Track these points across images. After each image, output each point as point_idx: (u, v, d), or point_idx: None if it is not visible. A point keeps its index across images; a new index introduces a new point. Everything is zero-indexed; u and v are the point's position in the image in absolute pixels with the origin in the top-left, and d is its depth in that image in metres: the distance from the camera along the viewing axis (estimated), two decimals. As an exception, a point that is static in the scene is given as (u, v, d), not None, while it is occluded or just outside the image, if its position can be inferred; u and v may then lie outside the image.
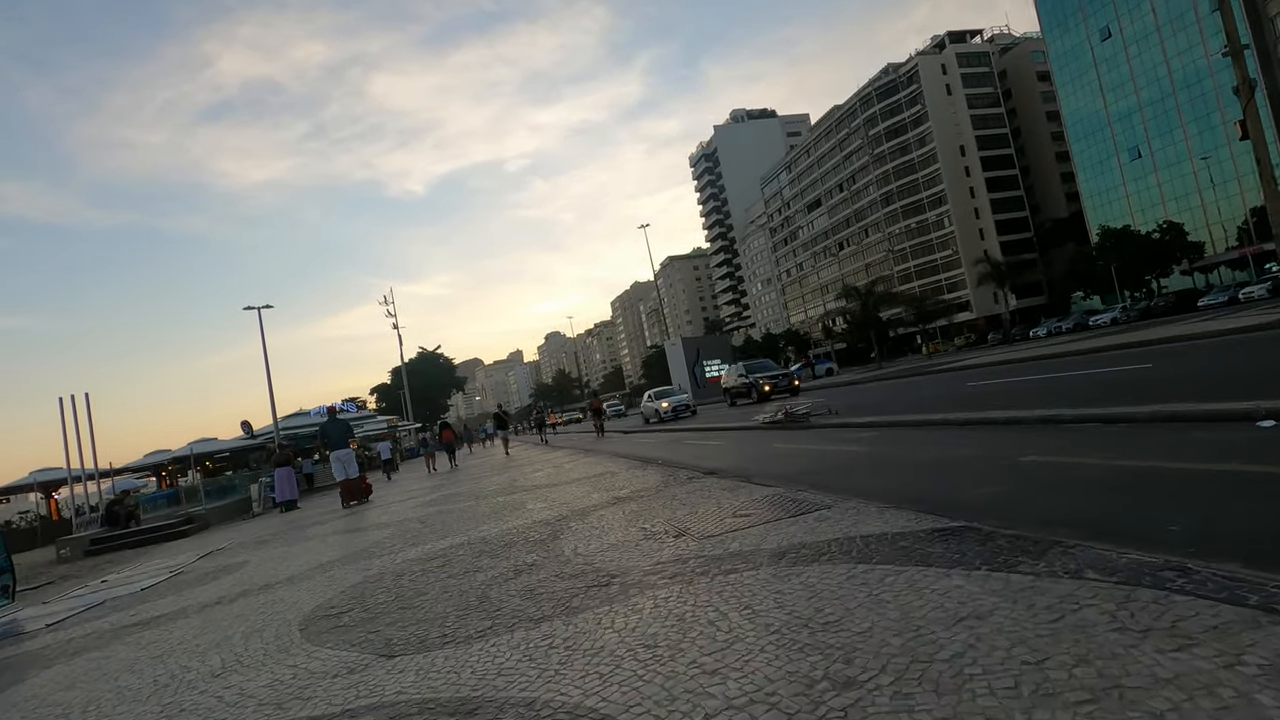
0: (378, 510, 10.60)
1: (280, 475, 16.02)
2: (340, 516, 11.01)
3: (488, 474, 13.70)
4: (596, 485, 7.53)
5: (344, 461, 12.45)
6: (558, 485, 8.50)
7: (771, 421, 12.37)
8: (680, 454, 10.65)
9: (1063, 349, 18.42)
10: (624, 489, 6.71)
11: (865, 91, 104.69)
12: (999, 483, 4.25)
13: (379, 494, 15.00)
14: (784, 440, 9.75)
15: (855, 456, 6.92)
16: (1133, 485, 3.78)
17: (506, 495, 8.53)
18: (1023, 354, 21.14)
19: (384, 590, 4.22)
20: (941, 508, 3.52)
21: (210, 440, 26.27)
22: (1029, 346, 30.76)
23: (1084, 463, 4.41)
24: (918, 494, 4.21)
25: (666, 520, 4.56)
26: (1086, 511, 3.35)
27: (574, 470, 10.18)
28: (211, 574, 6.99)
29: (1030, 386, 10.30)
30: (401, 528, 7.42)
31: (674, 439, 15.01)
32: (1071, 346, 18.62)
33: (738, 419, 16.94)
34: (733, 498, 4.98)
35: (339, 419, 12.77)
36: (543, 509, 6.51)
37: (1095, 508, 3.41)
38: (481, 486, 10.80)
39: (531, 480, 10.04)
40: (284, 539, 9.10)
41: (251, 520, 15.88)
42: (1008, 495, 3.92)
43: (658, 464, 8.67)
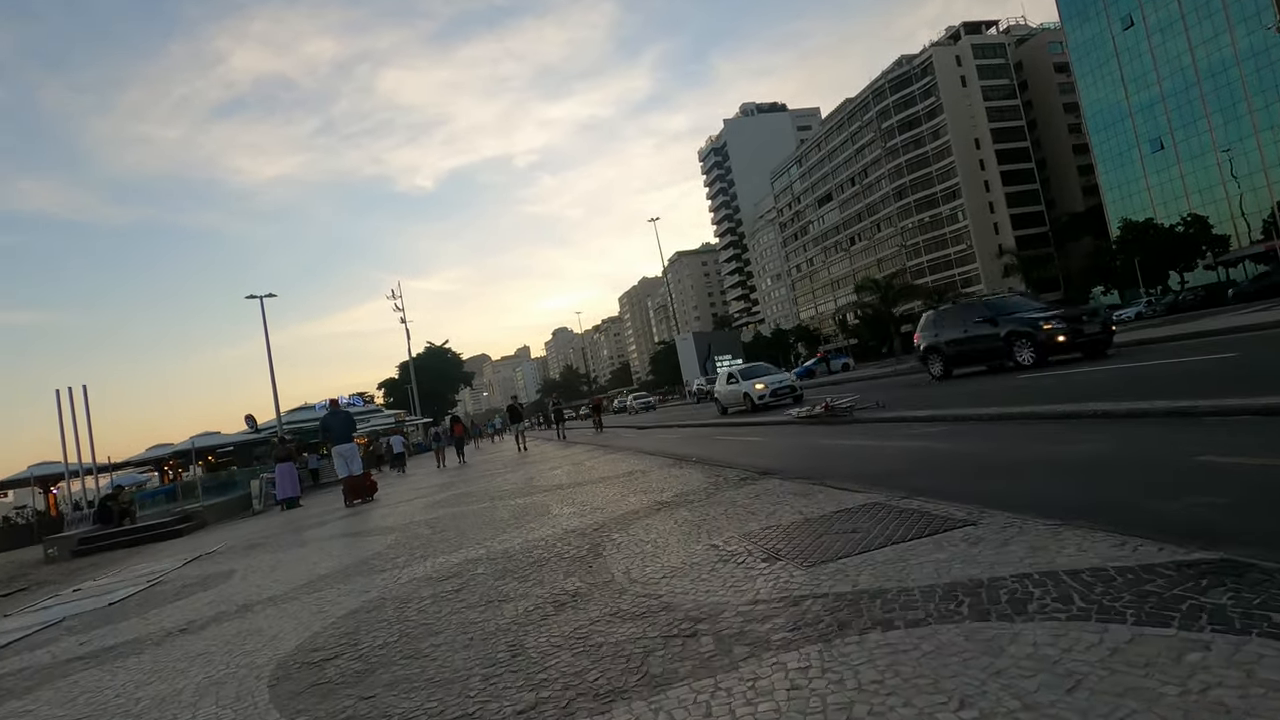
0: (383, 511, 9.71)
1: (281, 471, 15.19)
2: (342, 517, 10.13)
3: (501, 471, 12.81)
4: (629, 486, 6.60)
5: (347, 457, 11.58)
6: (582, 485, 7.57)
7: (808, 416, 11.41)
8: (715, 451, 9.71)
9: None
10: (665, 491, 5.77)
11: (878, 84, 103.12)
12: (1200, 491, 3.27)
13: (387, 491, 14.14)
14: (832, 436, 8.79)
15: (939, 454, 5.94)
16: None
17: (525, 496, 7.60)
18: None
19: (384, 625, 3.29)
20: (1137, 526, 2.57)
21: (212, 434, 25.51)
22: None
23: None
24: (1076, 505, 3.24)
25: (740, 535, 3.61)
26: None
27: (597, 468, 9.26)
28: (191, 586, 6.10)
29: (1099, 378, 9.29)
30: (408, 533, 6.51)
31: (699, 435, 14.06)
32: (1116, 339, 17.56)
33: (762, 414, 16.00)
34: (812, 505, 4.03)
35: (341, 411, 11.90)
36: (571, 515, 5.57)
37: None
38: (496, 485, 9.89)
39: (551, 479, 9.12)
40: (279, 543, 8.22)
41: (251, 519, 15.05)
42: (1230, 509, 2.93)
43: (693, 462, 7.74)
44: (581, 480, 8.11)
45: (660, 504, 5.20)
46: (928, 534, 2.92)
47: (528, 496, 7.55)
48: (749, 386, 18.66)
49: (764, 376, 19.11)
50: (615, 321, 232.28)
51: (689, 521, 4.30)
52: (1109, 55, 69.42)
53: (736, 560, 3.14)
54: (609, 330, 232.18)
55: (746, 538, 3.52)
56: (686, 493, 5.51)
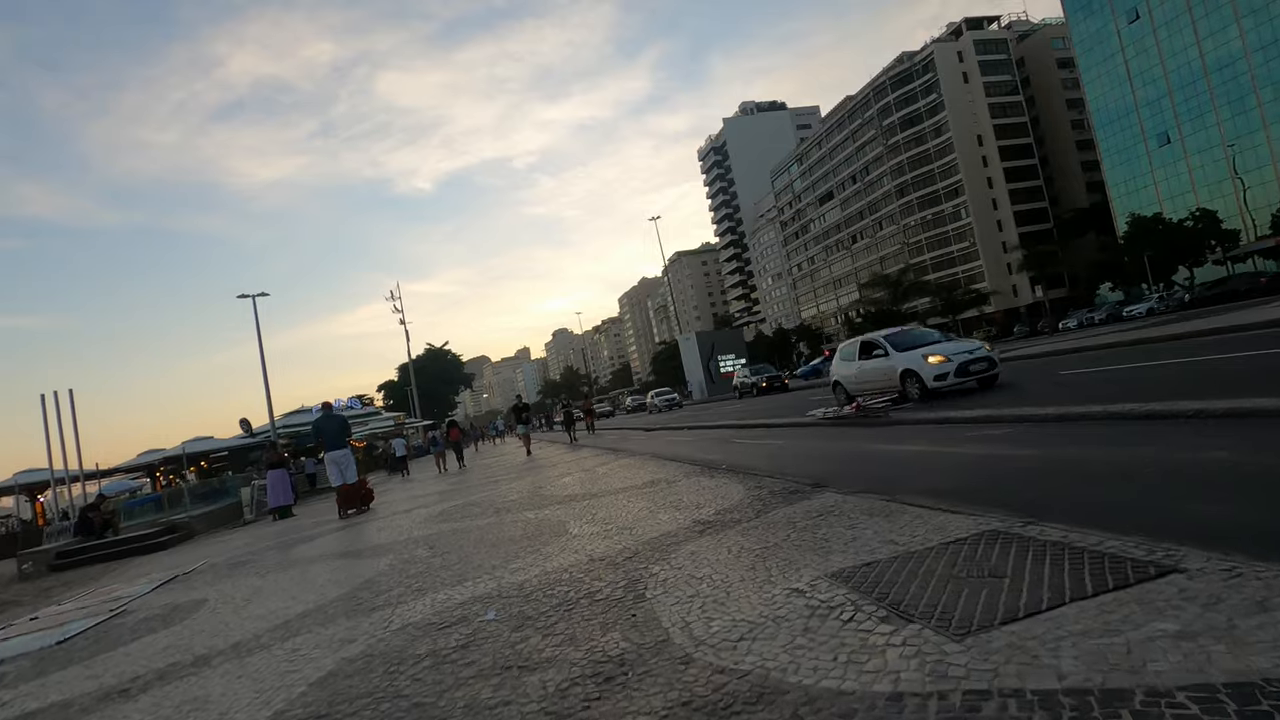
0: (378, 524, 8.89)
1: (273, 478, 14.38)
2: (334, 530, 9.32)
3: (505, 477, 11.99)
4: (656, 499, 5.79)
5: (341, 464, 10.76)
6: (599, 497, 6.76)
7: (836, 417, 10.59)
8: (741, 456, 8.89)
9: (1131, 337, 16.57)
10: (703, 507, 4.96)
11: (879, 81, 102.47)
12: None
13: (383, 499, 13.34)
14: (875, 440, 7.97)
15: (1024, 462, 5.10)
16: None
17: (536, 509, 6.79)
18: (1076, 344, 19.25)
19: (366, 705, 2.48)
20: None
21: (205, 439, 24.67)
22: (1069, 338, 28.75)
23: None
24: (1259, 530, 2.44)
25: (827, 574, 2.80)
26: None
27: (612, 476, 8.44)
28: (153, 620, 5.29)
29: (1156, 374, 8.49)
30: (404, 555, 5.70)
31: (713, 438, 13.22)
32: (1143, 334, 16.77)
33: (779, 413, 15.16)
34: (904, 531, 3.23)
35: (335, 415, 11.07)
36: (595, 536, 4.76)
37: None
38: (501, 494, 9.07)
39: (562, 488, 8.30)
40: (262, 563, 7.40)
41: (241, 529, 14.23)
42: None
43: (723, 469, 6.93)
44: (597, 490, 7.30)
45: (702, 524, 4.39)
46: (1116, 585, 2.11)
47: (538, 510, 6.73)
48: (913, 360, 11.36)
49: (935, 345, 11.76)
50: (615, 322, 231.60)
51: (747, 550, 3.49)
52: (1114, 49, 68.67)
53: (839, 615, 2.33)
54: (609, 331, 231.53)
55: (839, 579, 2.71)
56: (729, 509, 4.70)
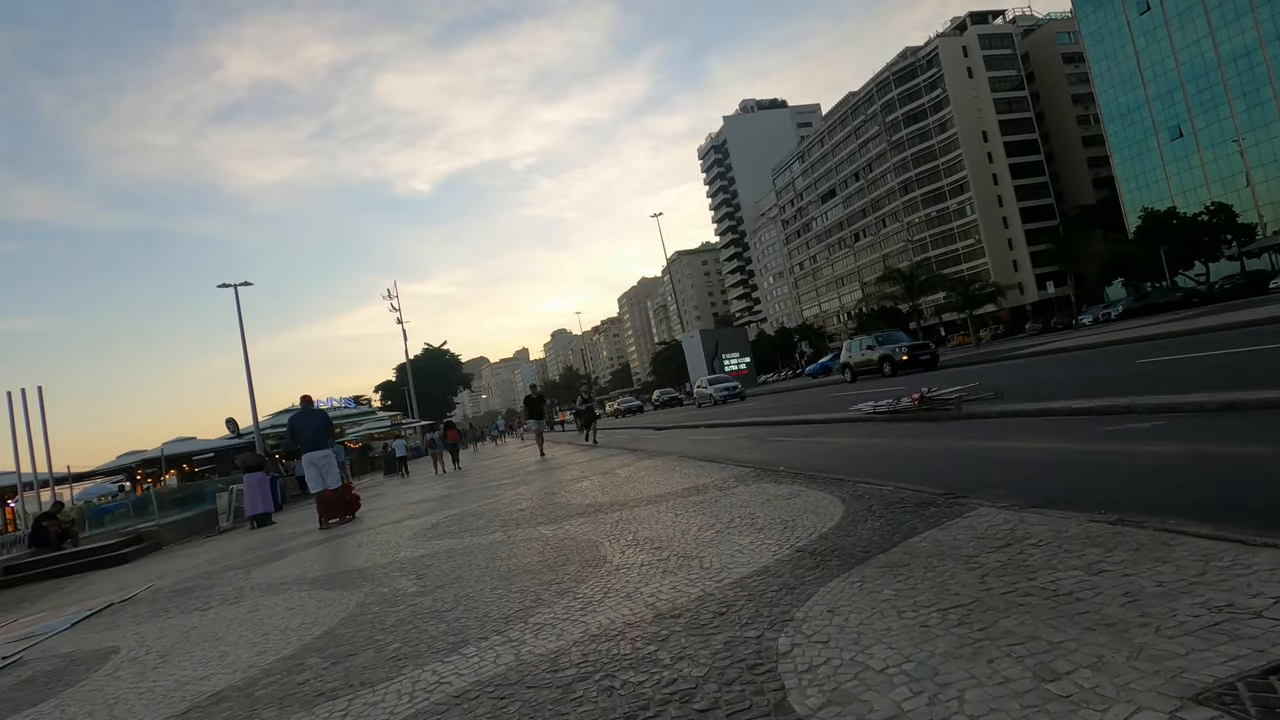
0: (361, 537, 7.49)
1: (250, 483, 12.97)
2: (309, 545, 7.92)
3: (510, 481, 10.57)
4: (716, 513, 4.39)
5: (321, 467, 9.34)
6: (632, 507, 5.36)
7: (891, 411, 9.20)
8: (797, 456, 7.49)
9: (1164, 329, 15.23)
10: (792, 526, 3.57)
11: (882, 76, 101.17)
12: None
13: (375, 504, 11.93)
14: (962, 435, 6.58)
15: (1210, 461, 3.73)
16: None
17: (553, 524, 5.38)
18: (1112, 337, 17.90)
19: None
20: None
21: (187, 440, 23.20)
22: (1090, 333, 27.31)
23: None
24: None
25: (1117, 685, 1.41)
26: None
27: (640, 480, 7.04)
28: (36, 681, 3.88)
29: (1245, 361, 7.11)
30: (382, 589, 4.30)
31: (743, 435, 11.80)
32: (1176, 327, 15.41)
33: (804, 410, 13.75)
34: (1224, 586, 1.85)
35: (314, 411, 9.63)
36: (647, 569, 3.35)
37: None
38: (507, 502, 7.67)
39: (579, 495, 6.89)
40: (213, 590, 6.00)
41: (215, 539, 12.82)
42: None
43: (784, 471, 5.55)
44: (628, 499, 5.89)
45: (809, 554, 2.99)
46: None
47: (557, 524, 5.33)
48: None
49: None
50: (615, 322, 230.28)
51: (932, 611, 2.09)
52: (1124, 42, 67.35)
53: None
54: (608, 331, 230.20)
55: (1205, 703, 1.31)
56: (837, 530, 3.31)
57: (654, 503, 5.36)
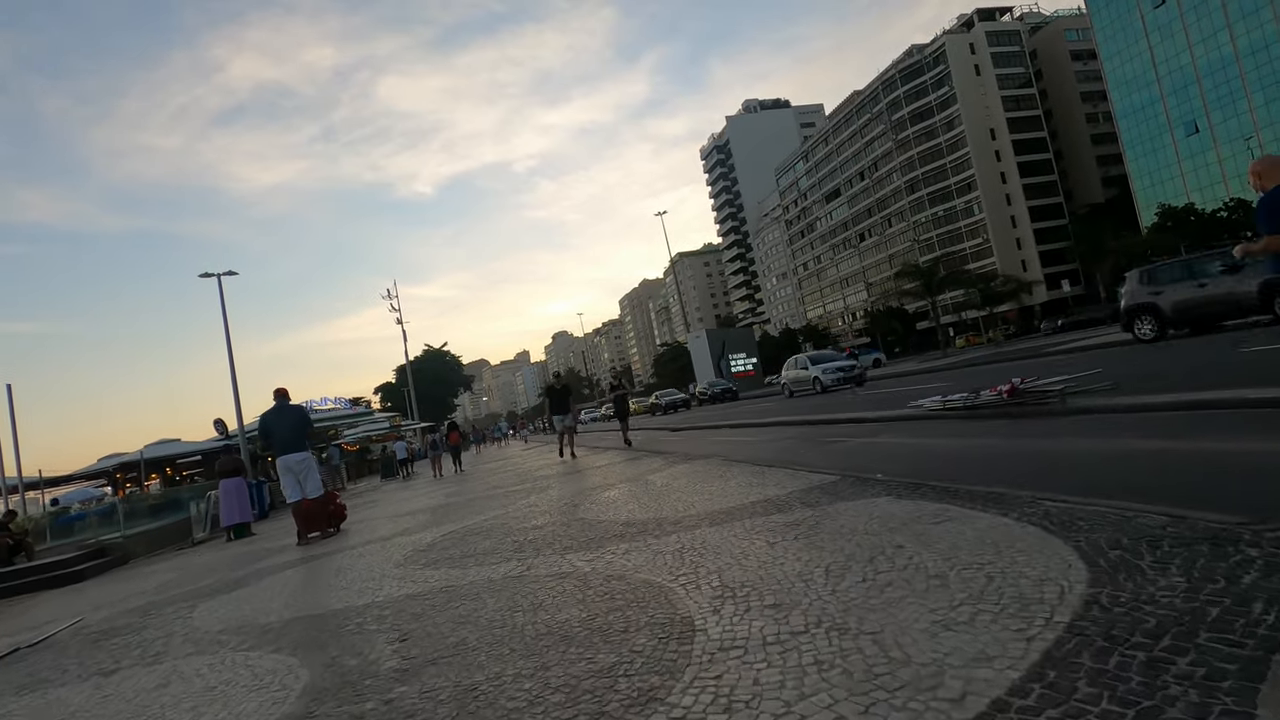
0: (339, 561, 6.12)
1: (227, 489, 11.60)
2: (280, 567, 6.55)
3: (518, 488, 9.17)
4: (825, 543, 3.02)
5: (298, 472, 7.96)
6: (691, 527, 3.99)
7: (969, 406, 7.82)
8: (881, 461, 6.12)
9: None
10: (1010, 580, 2.21)
11: (888, 74, 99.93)
12: None
13: (366, 514, 10.55)
14: (1104, 434, 5.22)
15: None
16: None
17: (589, 552, 4.00)
18: None
19: None
20: None
21: (170, 442, 21.82)
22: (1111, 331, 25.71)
23: None
24: None
25: None
26: None
27: (682, 488, 5.66)
28: None
29: None
30: (348, 656, 2.93)
31: (790, 436, 10.40)
32: None
33: (852, 407, 12.38)
34: None
35: (290, 407, 8.23)
36: (781, 647, 1.98)
37: None
38: (520, 515, 6.28)
39: (611, 508, 5.51)
40: (137, 636, 4.62)
41: (185, 552, 11.43)
42: None
43: (880, 479, 4.19)
44: (678, 516, 4.51)
45: (1098, 647, 1.63)
46: None
47: (592, 552, 3.95)
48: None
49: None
50: (616, 324, 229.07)
51: None
52: (1138, 35, 66.07)
53: None
54: (609, 333, 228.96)
55: None
56: (1117, 599, 1.95)
57: (721, 523, 3.99)
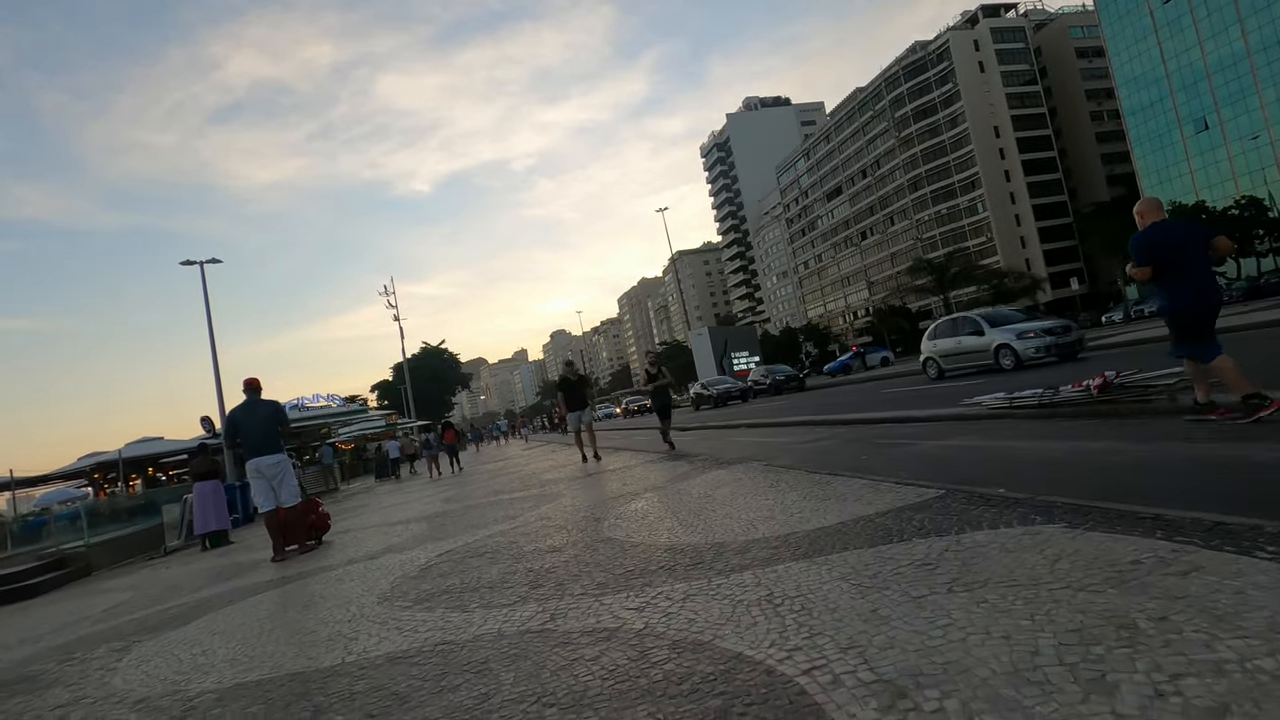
0: (314, 588, 5.07)
1: (202, 493, 10.55)
2: (245, 593, 5.50)
3: (523, 494, 8.12)
4: (963, 588, 2.00)
5: (271, 476, 6.90)
6: (770, 562, 2.96)
7: (1046, 404, 6.79)
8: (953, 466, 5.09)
9: (1265, 318, 12.96)
10: None
11: (891, 70, 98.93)
12: None
13: (354, 521, 9.50)
14: (1233, 440, 4.21)
15: None
16: None
17: (631, 592, 2.96)
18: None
19: None
20: None
21: (153, 440, 20.71)
22: (1132, 329, 24.90)
23: None
24: None
25: None
26: None
27: (727, 501, 4.63)
28: None
29: None
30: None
31: (819, 437, 9.35)
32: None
33: (879, 405, 11.37)
34: None
35: (263, 402, 7.16)
36: None
37: None
38: (528, 533, 5.24)
39: (640, 524, 4.46)
40: (36, 698, 3.58)
41: (153, 564, 10.38)
42: None
43: (1003, 495, 3.17)
44: (739, 540, 3.47)
45: None
46: None
47: (637, 593, 2.91)
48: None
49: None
50: (615, 323, 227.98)
51: None
52: (1147, 31, 65.13)
53: None
54: (608, 332, 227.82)
55: None
56: None
57: (809, 554, 2.95)
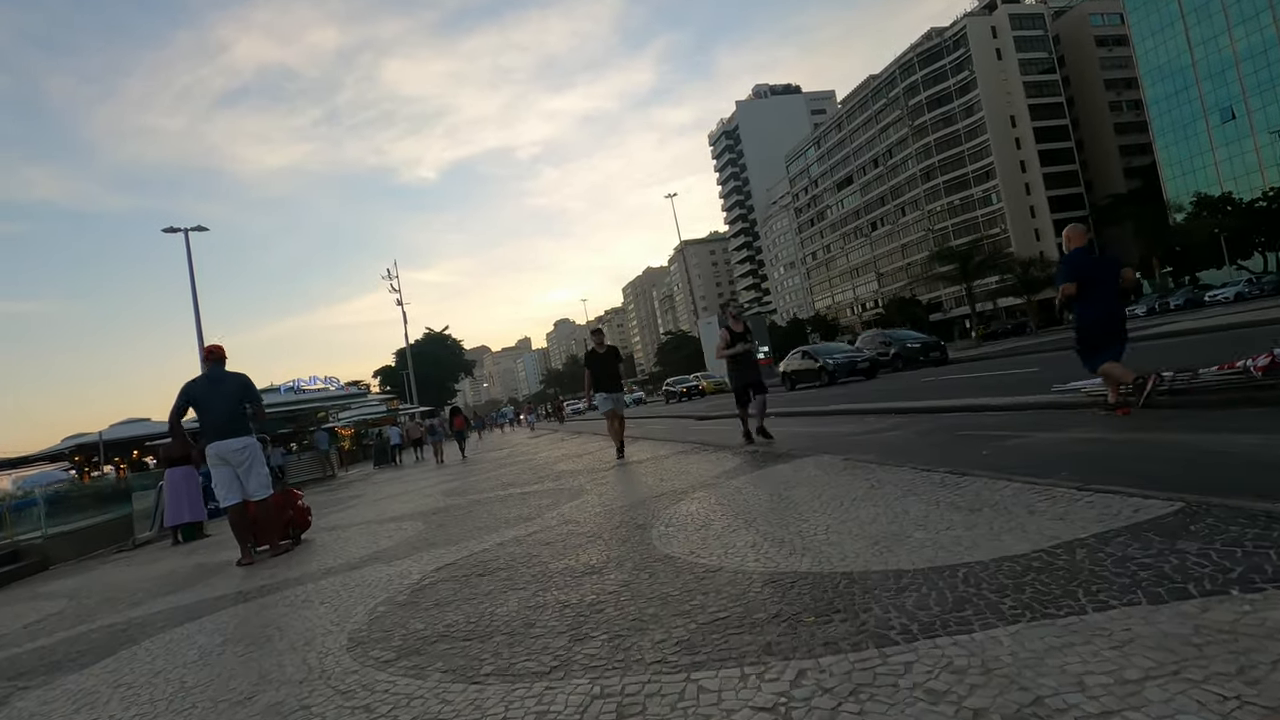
0: (280, 609, 3.87)
1: (174, 480, 9.37)
2: (195, 611, 4.30)
3: (538, 488, 6.91)
4: None
5: (237, 464, 5.69)
6: (963, 622, 1.76)
7: (1180, 390, 5.53)
8: (1109, 462, 3.87)
9: None
10: None
11: (906, 58, 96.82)
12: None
13: (343, 516, 8.30)
14: None
15: None
16: None
17: (770, 682, 1.77)
18: (1252, 317, 14.29)
19: None
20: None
21: (139, 421, 19.54)
22: (1176, 319, 23.55)
23: None
24: None
25: None
26: None
27: (837, 509, 3.43)
28: None
29: None
30: None
31: (885, 427, 8.09)
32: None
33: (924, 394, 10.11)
34: None
35: (227, 374, 5.90)
36: None
37: None
38: (555, 544, 4.04)
39: (711, 534, 3.25)
40: None
41: (119, 557, 9.21)
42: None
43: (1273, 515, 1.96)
44: (895, 570, 2.25)
45: None
46: None
47: (771, 677, 1.71)
48: None
49: None
50: (619, 313, 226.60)
51: None
52: (1174, 17, 63.18)
53: None
54: (612, 321, 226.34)
55: None
56: None
57: (1035, 611, 1.74)
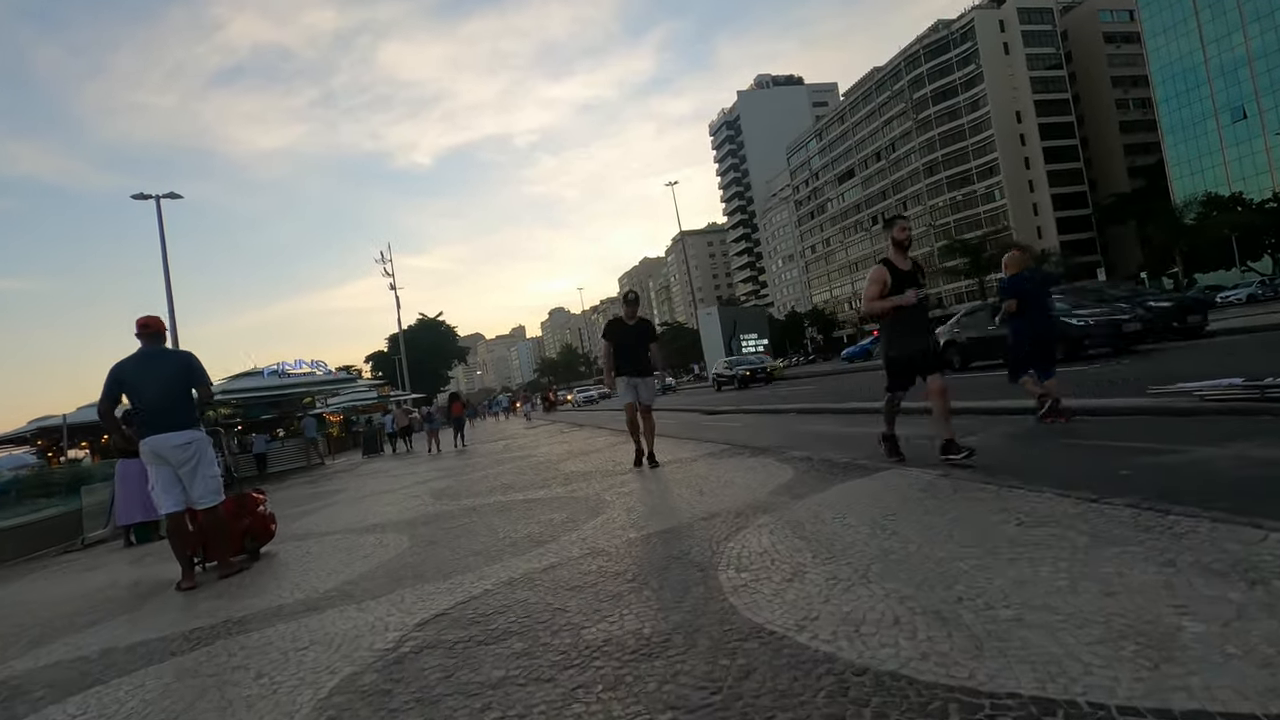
0: (180, 699, 2.77)
1: (126, 474, 8.23)
2: (103, 664, 3.18)
3: (551, 496, 5.79)
4: None
5: (179, 462, 4.59)
6: None
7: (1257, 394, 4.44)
8: None
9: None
10: None
11: (912, 50, 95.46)
12: None
13: (313, 521, 7.19)
14: None
15: None
16: None
17: None
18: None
19: None
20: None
21: (109, 405, 18.33)
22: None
23: None
24: None
25: None
26: None
27: (961, 543, 2.36)
28: None
29: None
30: None
31: (963, 433, 7.00)
32: None
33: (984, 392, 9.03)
34: None
35: (166, 352, 4.78)
36: None
37: None
38: (578, 579, 2.96)
39: (809, 582, 2.18)
40: None
41: (69, 558, 8.08)
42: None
43: None
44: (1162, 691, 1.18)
45: None
46: None
47: None
48: None
49: None
50: (615, 302, 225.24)
51: None
52: (1187, 14, 62.16)
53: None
54: (608, 311, 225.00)
55: None
56: None
57: None
